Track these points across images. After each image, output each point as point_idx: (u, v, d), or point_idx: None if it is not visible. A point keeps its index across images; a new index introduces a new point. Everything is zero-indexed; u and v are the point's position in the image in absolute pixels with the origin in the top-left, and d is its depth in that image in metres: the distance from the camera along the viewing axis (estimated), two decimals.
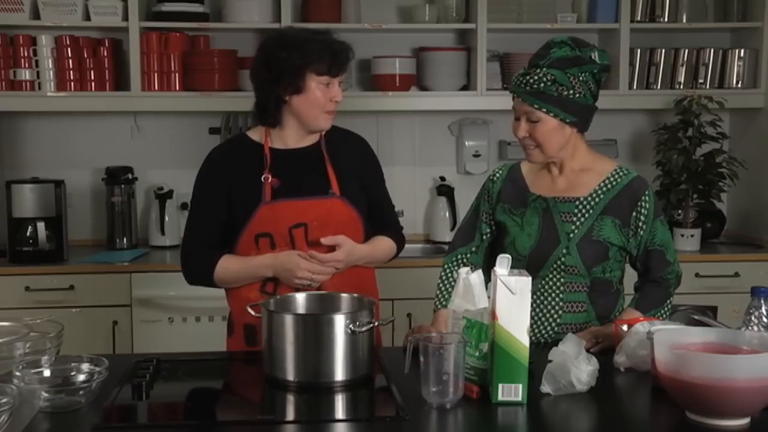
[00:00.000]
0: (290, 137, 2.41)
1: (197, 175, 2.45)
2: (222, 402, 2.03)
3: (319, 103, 2.34)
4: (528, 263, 2.25)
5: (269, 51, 2.35)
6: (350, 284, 2.33)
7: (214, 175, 2.42)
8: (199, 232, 2.42)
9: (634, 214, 2.29)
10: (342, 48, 2.36)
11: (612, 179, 2.31)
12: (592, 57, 2.24)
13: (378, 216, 2.51)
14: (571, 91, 2.21)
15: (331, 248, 2.33)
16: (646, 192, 2.30)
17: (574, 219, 2.29)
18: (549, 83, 2.20)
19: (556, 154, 2.29)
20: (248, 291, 2.38)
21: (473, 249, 2.44)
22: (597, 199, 2.29)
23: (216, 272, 2.37)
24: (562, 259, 2.27)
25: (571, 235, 2.27)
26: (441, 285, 2.44)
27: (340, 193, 2.39)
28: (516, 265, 1.98)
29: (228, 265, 2.37)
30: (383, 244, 2.50)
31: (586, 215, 2.28)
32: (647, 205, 2.29)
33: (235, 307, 2.45)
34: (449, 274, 2.44)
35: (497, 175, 2.44)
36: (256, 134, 2.46)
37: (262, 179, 2.36)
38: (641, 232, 2.29)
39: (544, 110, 2.22)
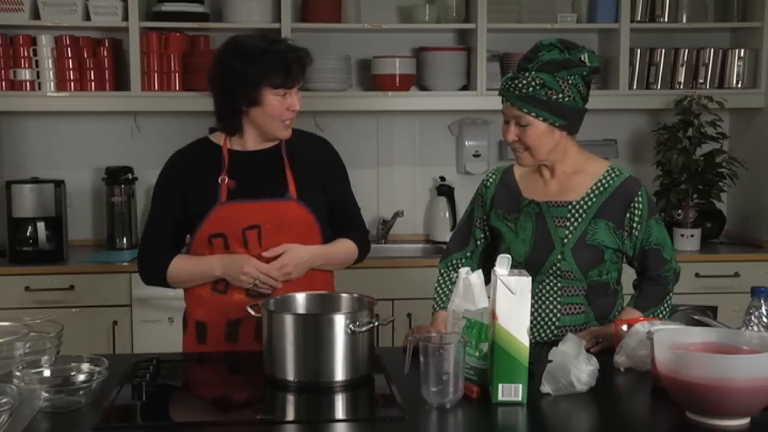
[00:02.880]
0: (250, 142, 2.42)
1: (157, 177, 2.47)
2: (222, 402, 2.03)
3: (276, 114, 2.34)
4: (524, 269, 2.23)
5: (224, 63, 2.35)
6: (306, 287, 2.30)
7: (171, 176, 2.44)
8: (155, 233, 2.45)
9: (627, 215, 2.28)
10: (296, 58, 2.33)
11: (604, 181, 2.30)
12: (582, 59, 2.23)
13: (341, 218, 2.51)
14: (561, 95, 2.20)
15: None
16: (639, 192, 2.29)
17: (567, 224, 2.28)
18: (538, 87, 2.19)
19: (546, 157, 2.28)
20: (200, 289, 2.41)
21: (468, 254, 2.44)
22: (589, 203, 2.29)
23: (169, 272, 2.40)
24: (558, 264, 2.27)
25: (565, 240, 2.27)
26: (438, 288, 2.43)
27: (297, 196, 2.38)
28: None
29: (180, 265, 2.40)
30: (342, 247, 2.48)
31: (579, 219, 2.28)
32: (640, 206, 2.28)
33: (188, 303, 2.48)
34: (446, 278, 2.44)
35: (490, 180, 2.43)
36: (216, 137, 2.47)
37: (219, 180, 2.37)
38: (636, 233, 2.29)
39: (533, 114, 2.21)
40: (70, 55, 3.92)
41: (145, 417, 1.89)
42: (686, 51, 4.22)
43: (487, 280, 1.97)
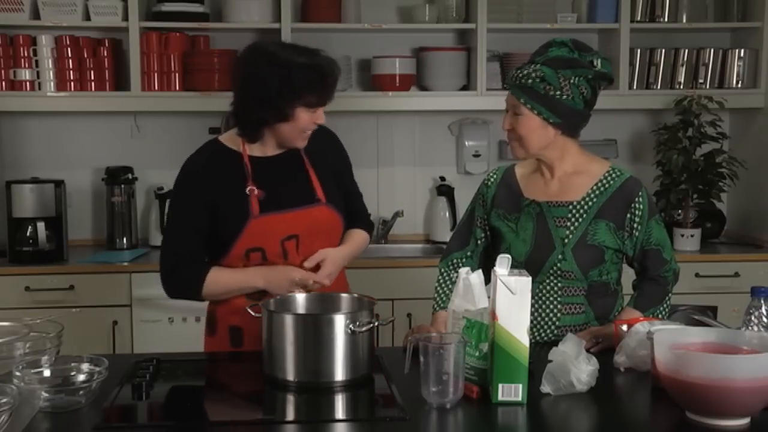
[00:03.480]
0: (269, 147, 2.38)
1: (175, 187, 2.40)
2: (222, 402, 2.03)
3: (303, 128, 2.31)
4: (524, 269, 2.23)
5: (258, 73, 2.25)
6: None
7: (194, 187, 2.35)
8: (182, 246, 2.35)
9: (628, 215, 2.28)
10: (330, 72, 2.28)
11: (605, 181, 2.31)
12: (594, 62, 2.24)
13: (350, 208, 2.50)
14: (559, 92, 2.21)
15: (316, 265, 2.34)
16: (640, 193, 2.30)
17: (568, 224, 2.28)
18: (537, 80, 2.20)
19: (539, 152, 2.29)
20: (235, 299, 2.37)
21: (468, 254, 2.44)
22: (590, 203, 2.29)
23: (205, 286, 2.33)
24: (558, 264, 2.27)
25: (566, 240, 2.27)
26: (438, 288, 2.43)
27: (325, 199, 2.38)
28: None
29: (217, 278, 2.34)
30: (360, 239, 2.50)
31: (580, 220, 2.28)
32: (641, 206, 2.29)
33: (220, 309, 2.43)
34: (446, 278, 2.44)
35: (491, 179, 2.43)
36: (231, 141, 2.39)
37: (247, 191, 2.32)
38: (636, 233, 2.29)
39: (528, 106, 2.22)
40: (70, 55, 3.92)
41: (145, 417, 1.89)
42: (686, 51, 4.22)
43: (488, 279, 1.97)
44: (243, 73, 2.30)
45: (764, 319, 1.93)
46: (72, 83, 3.93)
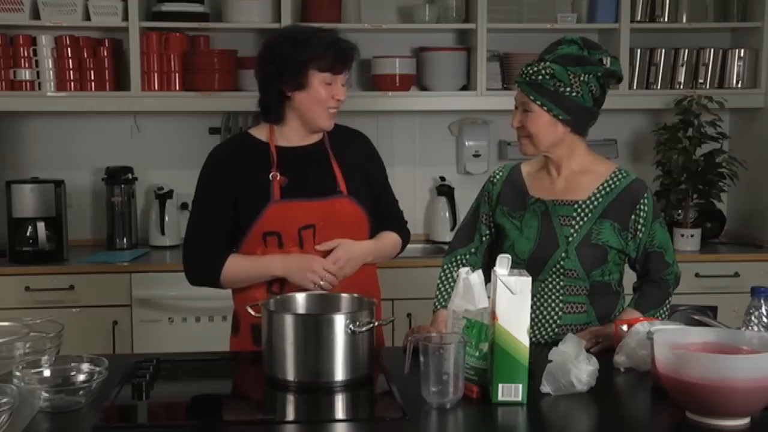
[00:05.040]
0: (293, 135, 2.41)
1: (200, 174, 2.42)
2: (222, 402, 2.03)
3: (321, 100, 2.34)
4: (527, 267, 2.23)
5: (273, 46, 2.35)
6: (351, 281, 2.33)
7: (218, 173, 2.39)
8: (204, 232, 2.39)
9: (633, 217, 2.29)
10: (347, 46, 2.36)
11: (611, 182, 2.31)
12: (603, 60, 2.24)
13: (383, 211, 2.51)
14: (569, 89, 2.21)
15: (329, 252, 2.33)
16: (645, 194, 2.30)
17: (573, 222, 2.28)
18: (547, 77, 2.21)
19: (548, 149, 2.29)
20: (255, 291, 2.37)
21: (472, 250, 2.44)
22: (596, 203, 2.29)
23: (223, 272, 2.35)
24: (561, 262, 2.27)
25: (570, 238, 2.27)
26: (440, 285, 2.44)
27: (347, 191, 2.39)
28: (515, 268, 1.97)
29: (236, 264, 2.35)
30: (389, 239, 2.50)
31: (585, 219, 2.28)
32: (646, 208, 2.29)
33: (241, 306, 2.43)
34: (448, 275, 2.44)
35: (497, 177, 2.43)
36: (259, 132, 2.44)
37: (270, 177, 2.35)
38: (640, 235, 2.29)
39: (539, 102, 2.23)
40: (70, 55, 3.92)
41: (145, 417, 1.89)
42: (686, 51, 4.22)
43: (490, 278, 1.97)
44: (263, 53, 2.38)
45: (764, 319, 1.93)
46: (72, 83, 3.93)
